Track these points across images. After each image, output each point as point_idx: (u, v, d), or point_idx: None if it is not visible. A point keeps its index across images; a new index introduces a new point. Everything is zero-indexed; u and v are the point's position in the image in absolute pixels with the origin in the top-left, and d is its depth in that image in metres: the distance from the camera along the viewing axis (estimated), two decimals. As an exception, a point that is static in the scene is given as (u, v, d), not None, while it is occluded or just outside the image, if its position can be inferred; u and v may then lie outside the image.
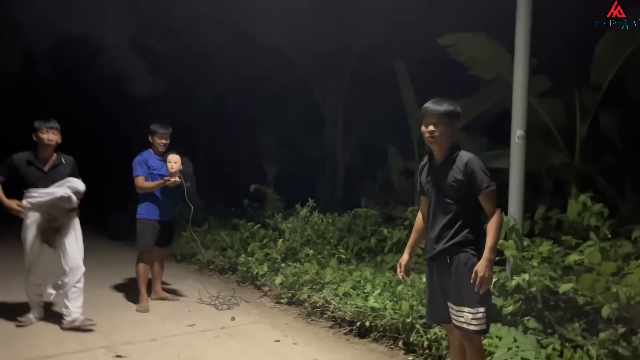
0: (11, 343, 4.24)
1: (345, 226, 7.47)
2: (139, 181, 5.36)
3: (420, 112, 3.04)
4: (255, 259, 6.81)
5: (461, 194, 2.89)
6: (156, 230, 5.46)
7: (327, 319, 5.16)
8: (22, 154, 4.57)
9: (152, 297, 5.69)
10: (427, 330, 4.15)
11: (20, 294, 4.93)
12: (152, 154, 5.54)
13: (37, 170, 4.53)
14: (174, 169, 5.30)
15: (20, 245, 4.60)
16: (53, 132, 4.56)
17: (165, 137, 5.52)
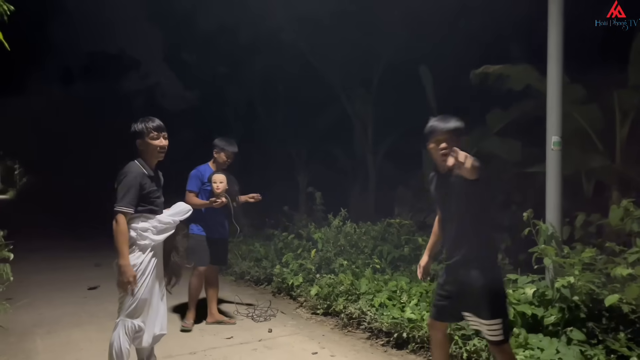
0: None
1: (379, 235, 7.45)
2: (189, 197, 5.18)
3: (426, 131, 3.07)
4: (290, 269, 6.85)
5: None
6: (210, 248, 5.29)
7: (363, 330, 5.15)
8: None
9: (209, 321, 5.41)
10: (466, 342, 4.09)
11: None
12: (210, 169, 5.35)
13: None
14: (220, 189, 5.14)
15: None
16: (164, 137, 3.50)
17: (233, 157, 5.33)
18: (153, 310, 3.41)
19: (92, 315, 5.62)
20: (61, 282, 7.44)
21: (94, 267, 8.69)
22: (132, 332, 3.31)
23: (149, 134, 3.39)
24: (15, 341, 4.70)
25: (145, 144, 3.40)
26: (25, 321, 5.33)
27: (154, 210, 3.40)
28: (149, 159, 3.44)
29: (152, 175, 3.42)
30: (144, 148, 3.41)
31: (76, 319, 5.56)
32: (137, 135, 3.40)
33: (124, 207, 3.21)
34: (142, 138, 3.39)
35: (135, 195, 3.25)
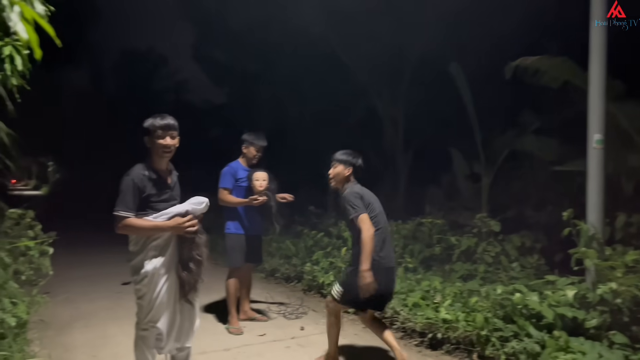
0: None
1: (410, 234, 7.38)
2: (223, 194, 5.09)
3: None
4: (321, 267, 6.84)
5: None
6: (246, 246, 5.20)
7: (396, 330, 5.10)
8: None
9: (241, 318, 5.37)
10: (504, 343, 4.01)
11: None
12: (241, 165, 5.27)
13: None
14: (262, 187, 5.04)
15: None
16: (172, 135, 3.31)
17: (262, 150, 5.25)
18: (171, 318, 3.20)
19: (128, 310, 5.64)
20: (95, 277, 7.59)
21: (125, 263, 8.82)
22: (153, 338, 3.18)
23: (155, 132, 3.20)
24: (54, 334, 4.80)
25: (151, 142, 3.22)
26: (63, 315, 5.44)
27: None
28: (156, 158, 3.27)
29: (155, 178, 3.22)
30: (150, 146, 3.25)
31: (112, 313, 5.65)
32: (145, 132, 3.24)
33: (121, 211, 3.06)
34: (149, 135, 3.22)
35: (132, 199, 3.09)
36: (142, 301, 3.14)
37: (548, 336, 3.94)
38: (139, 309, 3.18)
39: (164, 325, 3.15)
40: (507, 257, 6.21)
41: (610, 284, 3.86)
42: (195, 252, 3.20)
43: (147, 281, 3.08)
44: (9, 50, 2.91)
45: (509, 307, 4.27)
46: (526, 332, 4.05)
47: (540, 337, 3.95)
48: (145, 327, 3.14)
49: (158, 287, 3.10)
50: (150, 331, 3.14)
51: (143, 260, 3.10)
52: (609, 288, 3.76)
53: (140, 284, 3.10)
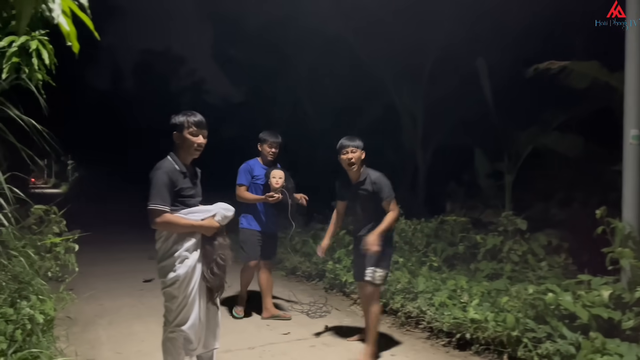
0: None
1: (432, 232, 7.27)
2: (240, 190, 5.20)
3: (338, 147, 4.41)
4: (343, 265, 6.77)
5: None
6: (260, 242, 5.30)
7: (422, 330, 5.02)
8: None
9: (264, 316, 5.42)
10: (537, 345, 3.90)
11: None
12: (258, 163, 5.37)
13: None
14: (279, 185, 5.09)
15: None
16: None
17: (275, 146, 5.31)
18: (199, 321, 3.15)
19: (151, 308, 5.68)
20: (117, 274, 7.61)
21: (147, 260, 8.84)
22: (181, 340, 3.09)
23: (189, 129, 3.15)
24: (80, 331, 4.80)
25: (183, 138, 3.16)
26: (88, 312, 5.44)
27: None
28: (184, 154, 3.21)
29: (185, 172, 3.18)
30: (180, 142, 3.18)
31: (135, 310, 5.65)
32: (176, 128, 3.17)
33: (158, 205, 3.00)
34: (180, 131, 3.16)
35: (167, 192, 3.04)
36: (171, 304, 3.07)
37: (582, 337, 3.83)
38: (167, 311, 3.11)
39: (192, 329, 3.09)
40: (534, 256, 6.08)
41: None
42: (219, 254, 3.17)
43: (179, 285, 3.03)
44: (36, 44, 2.88)
45: (540, 307, 4.16)
46: (559, 333, 3.95)
47: (575, 339, 3.84)
48: (173, 330, 3.08)
49: (188, 290, 3.05)
50: (178, 333, 3.08)
51: (174, 262, 3.04)
52: (650, 288, 3.63)
53: (171, 287, 3.04)
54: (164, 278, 3.07)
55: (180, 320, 3.07)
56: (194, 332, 3.11)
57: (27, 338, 3.31)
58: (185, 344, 3.12)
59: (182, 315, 3.06)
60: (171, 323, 3.09)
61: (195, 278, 3.09)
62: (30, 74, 2.93)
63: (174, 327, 3.08)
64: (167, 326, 3.12)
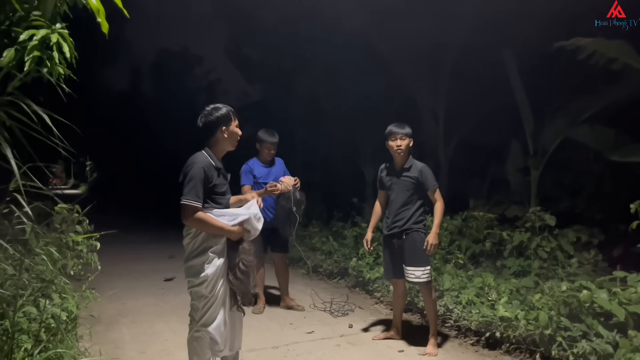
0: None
1: (456, 229, 7.12)
2: (244, 190, 5.25)
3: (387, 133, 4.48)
4: (366, 263, 6.67)
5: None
6: (266, 236, 5.17)
7: (449, 328, 4.91)
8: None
9: (281, 305, 5.71)
10: (573, 343, 3.76)
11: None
12: (257, 162, 5.48)
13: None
14: (282, 186, 5.04)
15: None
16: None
17: (273, 147, 5.44)
18: (225, 322, 3.10)
19: (173, 307, 5.65)
20: (138, 273, 7.60)
21: (167, 259, 8.84)
22: (207, 339, 3.03)
23: (235, 121, 3.16)
24: (103, 330, 4.77)
25: (230, 132, 3.14)
26: (110, 310, 5.42)
27: (220, 207, 3.12)
28: (222, 149, 3.18)
29: (220, 167, 3.14)
30: (226, 136, 3.13)
31: (158, 309, 5.62)
32: (224, 123, 3.11)
33: (191, 201, 2.93)
34: (228, 125, 3.12)
35: (202, 188, 2.97)
36: (197, 303, 3.02)
37: (620, 336, 3.68)
38: (194, 310, 3.06)
39: (217, 330, 3.04)
40: (562, 252, 5.90)
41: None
42: (242, 259, 3.10)
43: (206, 285, 2.98)
44: (56, 37, 2.83)
45: (574, 305, 4.01)
46: (595, 331, 3.80)
47: (612, 337, 3.69)
48: (199, 329, 3.03)
49: (215, 290, 3.01)
50: (204, 333, 3.03)
51: (203, 262, 2.98)
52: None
53: (200, 287, 2.98)
54: (192, 277, 3.01)
55: (207, 320, 3.01)
56: (220, 333, 3.06)
57: (51, 337, 3.27)
58: (212, 344, 3.06)
59: (209, 315, 3.01)
60: (197, 322, 3.03)
61: (223, 279, 3.06)
62: (51, 68, 2.88)
63: (200, 327, 3.02)
64: (193, 325, 3.06)
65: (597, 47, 5.66)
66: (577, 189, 7.40)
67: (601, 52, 5.77)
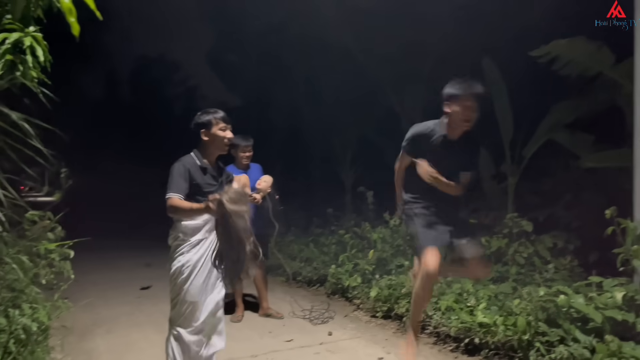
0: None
1: (435, 235, 7.14)
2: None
3: (453, 95, 3.60)
4: (345, 270, 6.64)
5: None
6: None
7: (429, 335, 4.90)
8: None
9: (260, 314, 5.66)
10: (551, 348, 3.78)
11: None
12: (234, 168, 5.41)
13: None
14: (260, 186, 5.08)
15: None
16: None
17: (247, 149, 5.41)
18: (210, 317, 3.14)
19: (149, 316, 5.55)
20: (114, 282, 7.45)
21: (144, 267, 8.70)
22: (188, 343, 3.05)
23: (218, 125, 3.23)
24: (77, 341, 4.65)
25: (213, 135, 3.23)
26: (84, 320, 5.30)
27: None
28: (212, 151, 3.28)
29: (206, 168, 3.23)
30: (210, 139, 3.23)
31: (133, 318, 5.51)
32: (204, 127, 3.23)
33: (173, 194, 3.03)
34: (209, 129, 3.22)
35: (184, 184, 3.07)
36: (176, 301, 3.08)
37: (596, 341, 3.71)
38: (172, 309, 3.12)
39: (196, 331, 3.08)
40: (540, 258, 5.97)
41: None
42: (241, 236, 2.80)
43: (176, 278, 3.05)
44: (29, 41, 2.76)
45: (552, 310, 4.04)
46: (572, 336, 3.83)
47: (589, 342, 3.72)
48: (177, 330, 3.07)
49: (189, 283, 3.04)
50: (181, 334, 3.06)
51: (177, 256, 3.08)
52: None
53: (176, 281, 3.06)
54: (171, 271, 3.09)
55: (185, 321, 3.05)
56: (198, 336, 3.09)
57: (21, 349, 3.17)
58: (191, 346, 3.08)
59: (187, 317, 3.05)
60: (175, 322, 3.08)
61: (197, 271, 3.06)
62: (24, 72, 2.81)
63: (178, 328, 3.07)
64: (172, 326, 3.10)
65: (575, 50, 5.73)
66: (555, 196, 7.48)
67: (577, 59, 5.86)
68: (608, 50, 5.67)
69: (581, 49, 5.70)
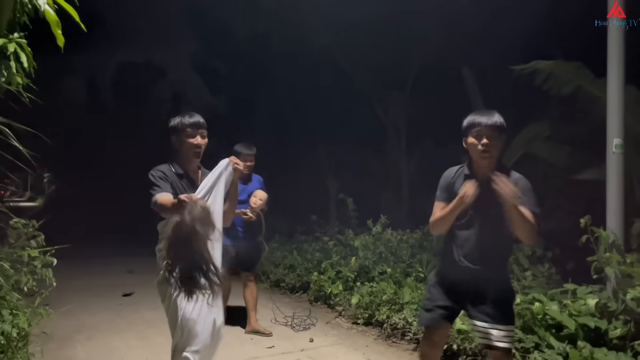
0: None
1: (417, 243, 7.25)
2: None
3: (467, 125, 2.90)
4: (328, 277, 6.69)
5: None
6: (234, 255, 5.04)
7: (408, 341, 4.96)
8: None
9: (247, 330, 5.30)
10: (526, 355, 3.87)
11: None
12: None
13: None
14: (257, 205, 4.95)
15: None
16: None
17: (250, 159, 5.13)
18: (208, 335, 2.72)
19: (130, 322, 5.54)
20: (96, 288, 7.41)
21: (126, 274, 8.66)
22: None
23: (184, 131, 2.94)
24: (56, 347, 4.63)
25: (180, 141, 2.96)
26: (65, 327, 5.27)
27: None
28: (184, 160, 3.00)
29: (182, 174, 2.96)
30: (178, 146, 2.98)
31: (114, 325, 5.49)
32: (172, 132, 2.97)
33: (157, 191, 2.76)
34: (177, 135, 2.96)
35: (163, 182, 2.81)
36: (173, 319, 2.74)
37: (570, 347, 3.81)
38: (172, 330, 2.78)
39: (199, 349, 2.68)
40: (518, 265, 6.08)
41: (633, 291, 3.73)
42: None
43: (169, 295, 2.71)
44: (14, 47, 2.79)
45: (527, 317, 4.13)
46: (547, 342, 3.92)
47: (562, 348, 3.81)
48: (182, 354, 2.68)
49: (182, 300, 2.64)
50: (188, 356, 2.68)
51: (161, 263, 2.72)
52: (639, 292, 3.62)
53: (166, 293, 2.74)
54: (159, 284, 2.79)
55: (185, 338, 2.68)
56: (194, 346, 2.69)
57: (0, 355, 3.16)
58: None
59: (187, 331, 2.67)
60: (178, 345, 2.70)
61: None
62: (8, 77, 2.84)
63: (184, 353, 2.67)
64: (178, 355, 2.70)
65: (555, 69, 5.89)
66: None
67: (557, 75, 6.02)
68: (586, 70, 5.85)
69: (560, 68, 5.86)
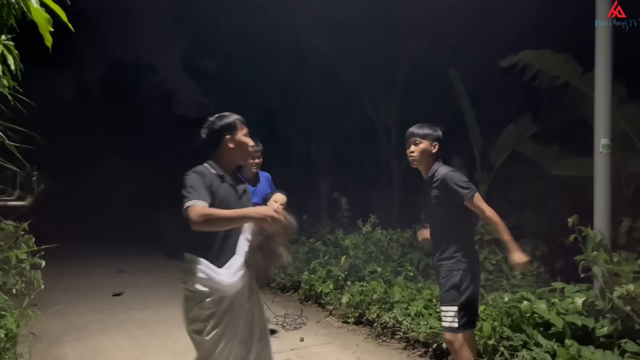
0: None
1: (407, 242, 7.28)
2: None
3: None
4: (318, 276, 6.70)
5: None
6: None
7: (398, 340, 4.98)
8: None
9: None
10: (514, 353, 3.90)
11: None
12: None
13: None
14: (280, 212, 4.77)
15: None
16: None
17: (256, 155, 4.74)
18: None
19: (120, 322, 5.52)
20: (85, 288, 7.37)
21: (116, 274, 8.62)
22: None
23: (242, 130, 2.70)
24: (45, 348, 4.61)
25: (237, 142, 2.67)
26: (53, 328, 5.24)
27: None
28: (230, 161, 2.71)
29: (223, 175, 2.63)
30: (232, 146, 2.66)
31: (104, 325, 5.46)
32: (228, 132, 2.65)
33: (194, 200, 2.38)
34: (232, 134, 2.66)
35: (205, 190, 2.45)
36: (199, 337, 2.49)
37: (558, 345, 3.84)
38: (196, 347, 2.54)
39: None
40: (507, 264, 6.12)
41: (626, 286, 3.75)
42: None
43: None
44: (0, 49, 2.77)
45: (516, 316, 4.16)
46: (535, 341, 3.96)
47: (550, 347, 3.85)
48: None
49: (212, 335, 2.45)
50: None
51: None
52: (625, 290, 3.65)
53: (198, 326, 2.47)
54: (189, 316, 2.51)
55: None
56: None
57: (-13, 356, 3.14)
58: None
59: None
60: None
61: (218, 321, 2.46)
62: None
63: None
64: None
65: (543, 61, 5.92)
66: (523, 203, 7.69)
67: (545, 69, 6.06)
68: (574, 62, 5.88)
69: (549, 61, 5.89)
